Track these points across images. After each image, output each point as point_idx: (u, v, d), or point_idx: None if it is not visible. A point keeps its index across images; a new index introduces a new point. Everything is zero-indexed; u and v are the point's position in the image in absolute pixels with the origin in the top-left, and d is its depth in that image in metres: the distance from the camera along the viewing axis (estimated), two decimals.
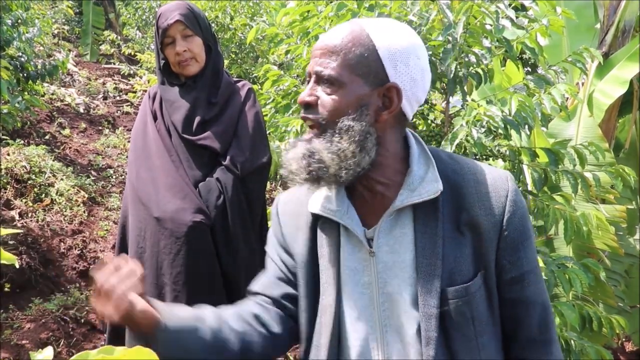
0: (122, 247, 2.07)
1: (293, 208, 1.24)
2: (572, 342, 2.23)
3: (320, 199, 1.16)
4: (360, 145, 1.05)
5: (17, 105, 4.14)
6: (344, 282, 1.13)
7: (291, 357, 3.22)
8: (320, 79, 1.08)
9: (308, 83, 1.12)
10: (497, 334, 1.13)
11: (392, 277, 1.10)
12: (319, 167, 1.06)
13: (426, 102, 2.56)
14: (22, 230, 3.75)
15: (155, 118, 2.09)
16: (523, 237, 1.11)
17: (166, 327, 1.06)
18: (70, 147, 5.50)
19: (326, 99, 1.07)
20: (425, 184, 1.09)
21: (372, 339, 1.11)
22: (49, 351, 0.60)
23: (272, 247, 1.28)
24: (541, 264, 2.05)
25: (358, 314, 1.12)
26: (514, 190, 1.11)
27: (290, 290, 1.22)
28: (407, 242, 1.10)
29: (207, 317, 1.15)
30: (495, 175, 1.12)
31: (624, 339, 4.01)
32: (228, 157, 2.00)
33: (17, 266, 0.78)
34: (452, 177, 1.12)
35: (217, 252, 1.96)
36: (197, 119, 2.02)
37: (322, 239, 1.16)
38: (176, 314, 1.11)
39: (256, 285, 1.27)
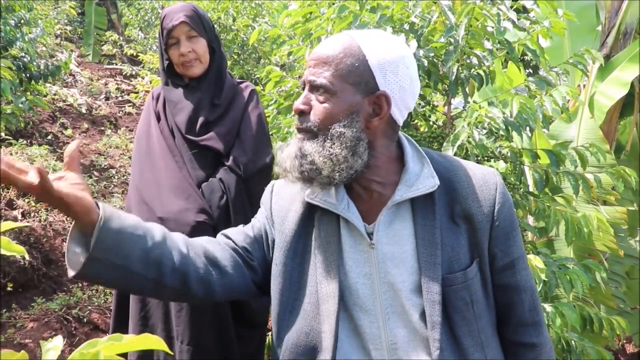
0: None
1: (289, 193, 1.29)
2: (573, 342, 2.23)
3: (319, 192, 1.21)
4: (352, 150, 1.12)
5: (20, 105, 4.16)
6: (345, 273, 1.19)
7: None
8: (314, 87, 1.15)
9: (303, 91, 1.18)
10: (492, 318, 1.22)
11: (392, 267, 1.16)
12: (310, 168, 1.13)
13: (428, 103, 2.57)
14: (28, 224, 3.76)
15: (158, 119, 2.10)
16: (512, 227, 1.21)
17: (105, 222, 1.04)
18: None
19: (319, 107, 1.14)
20: (422, 180, 1.17)
21: (375, 327, 1.17)
22: (58, 340, 0.61)
23: (259, 215, 1.35)
24: (542, 265, 2.06)
25: (359, 304, 1.18)
26: (501, 184, 1.21)
27: (255, 251, 1.28)
28: (407, 235, 1.17)
29: (154, 229, 1.16)
30: (484, 171, 1.22)
31: (624, 341, 4.01)
32: (231, 158, 2.01)
33: (27, 257, 0.79)
34: (444, 174, 1.20)
35: None
36: (201, 120, 2.03)
37: (321, 230, 1.21)
38: (120, 215, 1.10)
39: (229, 230, 1.32)
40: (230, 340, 1.98)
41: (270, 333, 3.43)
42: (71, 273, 1.05)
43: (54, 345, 0.60)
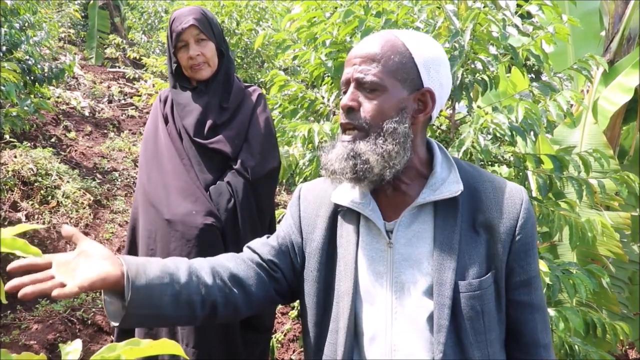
0: (131, 249, 2.08)
1: (315, 197, 1.31)
2: (577, 347, 2.24)
3: (344, 192, 1.24)
4: (402, 146, 1.14)
5: (25, 108, 4.17)
6: (360, 270, 1.20)
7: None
8: (361, 85, 1.15)
9: (345, 92, 1.18)
10: (501, 335, 1.19)
11: (407, 267, 1.16)
12: (364, 167, 1.13)
13: None
14: (43, 226, 3.77)
15: (166, 121, 2.11)
16: (532, 244, 1.19)
17: (133, 284, 1.06)
18: (76, 150, 5.53)
19: (369, 104, 1.15)
20: (447, 185, 1.18)
21: (381, 325, 1.17)
22: (78, 343, 0.62)
23: (285, 224, 1.34)
24: (546, 269, 2.06)
25: (371, 301, 1.19)
26: (527, 200, 1.20)
27: (282, 261, 1.29)
28: (425, 237, 1.17)
29: (179, 271, 1.16)
30: (512, 186, 1.21)
31: (627, 346, 4.00)
32: (239, 161, 2.02)
33: (41, 260, 0.81)
34: (471, 183, 1.20)
35: None
36: (209, 123, 2.04)
37: (342, 229, 1.24)
38: (146, 268, 1.11)
39: (254, 242, 1.34)
40: (235, 344, 1.99)
41: (273, 336, 3.44)
42: (114, 323, 1.09)
43: (74, 348, 0.61)
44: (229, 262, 1.26)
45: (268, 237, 1.36)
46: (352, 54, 1.18)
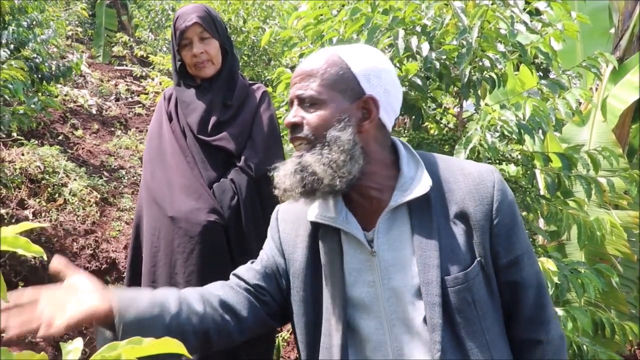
0: (136, 247, 2.09)
1: (293, 217, 1.31)
2: (585, 347, 2.22)
3: (318, 208, 1.23)
4: (349, 154, 1.13)
5: (33, 106, 4.19)
6: (349, 284, 1.19)
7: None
8: (303, 101, 1.18)
9: (290, 110, 1.20)
10: (499, 318, 1.19)
11: (395, 272, 1.16)
12: (312, 179, 1.13)
13: (439, 106, 2.56)
14: (47, 224, 3.79)
15: (170, 119, 2.11)
16: (513, 223, 1.19)
17: (124, 318, 1.06)
18: (83, 148, 5.54)
19: (311, 116, 1.16)
20: (415, 183, 1.17)
21: (381, 333, 1.17)
22: (78, 342, 0.61)
23: (267, 247, 1.35)
24: (554, 268, 2.04)
25: (366, 312, 1.18)
26: (499, 180, 1.19)
27: (268, 284, 1.28)
28: (405, 238, 1.17)
29: (169, 301, 1.16)
30: (482, 169, 1.21)
31: (635, 347, 3.97)
32: (242, 159, 2.02)
33: (45, 258, 0.80)
34: (440, 175, 1.21)
35: (230, 252, 1.98)
36: (212, 121, 2.04)
37: (324, 247, 1.22)
38: (135, 300, 1.12)
39: (239, 269, 1.33)
40: (236, 345, 1.98)
41: (279, 335, 3.44)
42: None
43: (75, 347, 0.60)
44: (217, 290, 1.26)
45: (252, 262, 1.35)
46: (293, 75, 1.21)
